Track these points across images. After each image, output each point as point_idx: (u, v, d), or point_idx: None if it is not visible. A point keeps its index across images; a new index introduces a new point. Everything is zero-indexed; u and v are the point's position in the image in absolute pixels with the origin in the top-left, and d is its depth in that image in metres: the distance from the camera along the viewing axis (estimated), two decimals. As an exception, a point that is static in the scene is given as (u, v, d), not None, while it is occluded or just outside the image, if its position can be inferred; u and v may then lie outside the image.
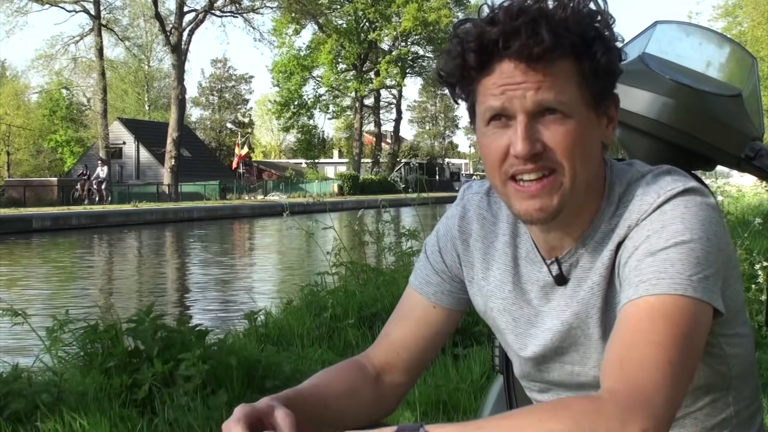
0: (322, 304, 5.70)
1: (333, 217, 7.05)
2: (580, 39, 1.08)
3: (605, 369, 1.01)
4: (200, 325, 4.33)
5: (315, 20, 54.36)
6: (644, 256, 1.07)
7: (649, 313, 1.02)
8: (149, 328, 3.80)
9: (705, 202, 1.11)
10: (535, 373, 1.29)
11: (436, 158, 75.28)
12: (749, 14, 32.63)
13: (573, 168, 1.10)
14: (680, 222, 1.07)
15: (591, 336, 1.18)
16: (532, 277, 1.24)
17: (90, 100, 57.59)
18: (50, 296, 11.32)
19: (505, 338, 1.31)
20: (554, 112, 1.08)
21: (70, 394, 3.40)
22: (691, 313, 1.02)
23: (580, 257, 1.19)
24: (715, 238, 1.08)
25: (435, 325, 1.34)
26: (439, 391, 3.85)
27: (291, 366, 4.15)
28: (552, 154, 1.09)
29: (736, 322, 1.20)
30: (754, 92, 1.72)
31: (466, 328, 4.82)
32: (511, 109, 1.09)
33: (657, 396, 0.95)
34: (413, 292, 1.36)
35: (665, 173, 1.16)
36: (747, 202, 15.50)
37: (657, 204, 1.11)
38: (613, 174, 1.19)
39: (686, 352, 1.00)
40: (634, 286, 1.05)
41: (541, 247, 1.23)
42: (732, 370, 1.21)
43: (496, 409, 1.92)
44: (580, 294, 1.18)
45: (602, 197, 1.17)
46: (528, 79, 1.07)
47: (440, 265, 1.34)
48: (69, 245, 20.89)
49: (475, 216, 1.31)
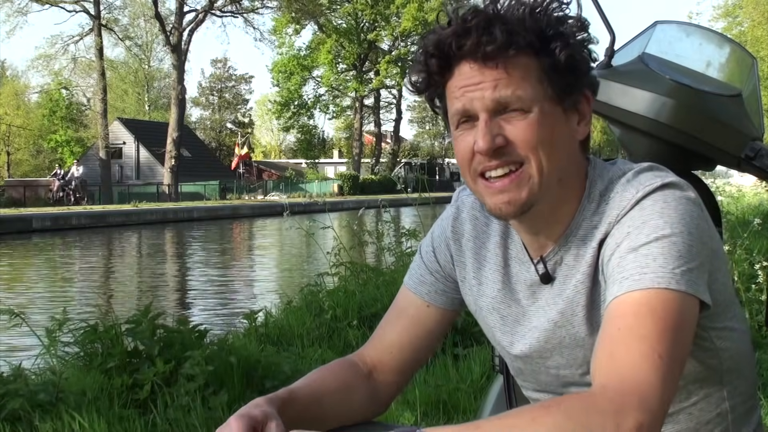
0: (322, 304, 5.70)
1: (333, 217, 7.05)
2: (536, 36, 1.10)
3: (595, 366, 1.02)
4: (201, 325, 4.34)
5: (315, 20, 54.37)
6: (626, 253, 1.08)
7: (634, 309, 1.02)
8: (148, 328, 3.80)
9: (684, 196, 1.12)
10: (526, 372, 1.30)
11: (436, 158, 75.29)
12: (749, 14, 32.62)
13: (539, 160, 1.12)
14: (659, 216, 1.08)
15: (577, 335, 1.19)
16: (521, 277, 1.26)
17: (90, 100, 57.63)
18: (50, 296, 11.32)
19: (495, 336, 1.32)
20: (514, 108, 1.11)
21: (70, 394, 3.40)
22: (676, 306, 1.03)
23: (564, 255, 1.20)
24: (696, 231, 1.09)
25: (428, 324, 1.35)
26: (439, 391, 3.85)
27: (291, 366, 4.15)
28: (515, 147, 1.12)
29: (726, 315, 1.20)
30: (754, 92, 1.72)
31: (466, 328, 4.83)
32: (472, 109, 1.12)
33: (649, 389, 0.96)
34: (407, 291, 1.37)
35: (646, 170, 1.17)
36: (747, 202, 15.49)
37: (636, 199, 1.12)
38: (596, 172, 1.20)
39: (674, 345, 1.01)
40: (618, 283, 1.06)
41: (529, 246, 1.24)
42: (723, 363, 1.21)
43: (496, 409, 1.92)
44: (566, 292, 1.19)
45: (583, 195, 1.18)
46: (485, 78, 1.10)
47: (434, 265, 1.36)
48: (69, 245, 20.89)
49: (468, 217, 1.33)
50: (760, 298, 4.82)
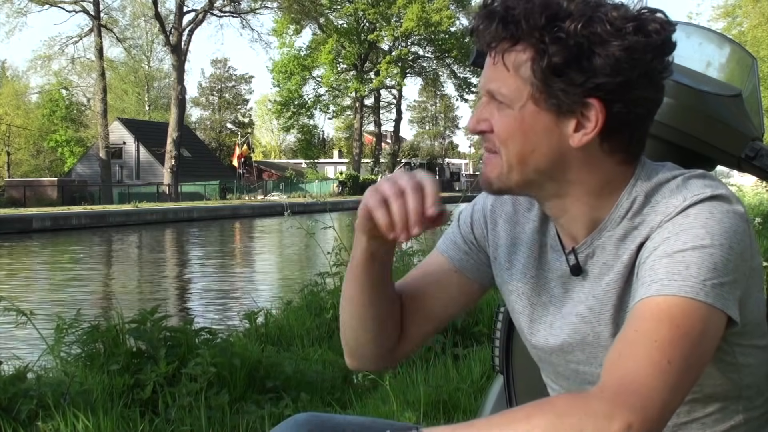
0: (323, 304, 5.70)
1: (333, 216, 7.05)
2: (538, 33, 1.08)
3: (605, 365, 1.01)
4: (206, 327, 4.34)
5: (315, 20, 54.38)
6: (660, 257, 1.06)
7: (655, 313, 1.01)
8: (155, 329, 3.81)
9: (732, 210, 1.09)
10: (544, 361, 1.30)
11: (436, 158, 75.29)
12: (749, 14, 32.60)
13: (507, 155, 1.14)
14: (702, 226, 1.06)
15: (601, 334, 1.18)
16: (553, 266, 1.25)
17: (90, 100, 57.64)
18: (50, 296, 11.32)
19: (519, 322, 1.31)
20: (497, 99, 1.14)
21: (76, 394, 3.40)
22: (700, 318, 1.00)
23: (596, 249, 1.18)
24: (738, 247, 1.06)
25: (452, 290, 1.34)
26: (439, 391, 3.85)
27: (292, 366, 4.16)
28: (493, 136, 1.15)
29: (755, 333, 1.18)
30: (754, 92, 1.72)
31: (466, 328, 4.83)
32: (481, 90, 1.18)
33: (648, 393, 0.94)
34: (438, 254, 1.36)
35: (697, 177, 1.14)
36: (747, 202, 15.52)
37: (682, 207, 1.09)
38: (643, 170, 1.17)
39: (689, 356, 0.98)
40: (646, 286, 1.04)
41: (562, 235, 1.23)
42: (744, 379, 1.19)
43: (496, 409, 1.92)
44: (598, 290, 1.18)
45: (622, 189, 1.16)
46: (488, 65, 1.15)
47: (469, 236, 1.35)
48: (69, 245, 20.89)
49: (511, 199, 1.32)
50: (761, 298, 4.82)
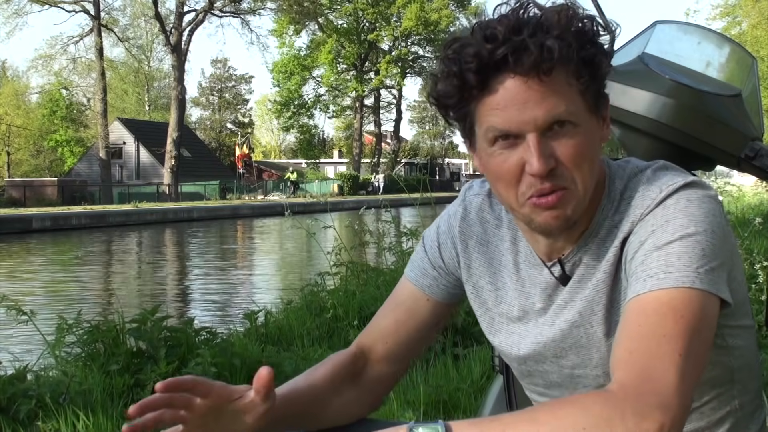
0: (322, 304, 5.70)
1: (333, 216, 7.05)
2: (578, 46, 1.06)
3: (614, 363, 1.01)
4: (206, 327, 4.35)
5: (315, 20, 54.37)
6: (651, 251, 1.07)
7: (657, 307, 1.02)
8: (155, 328, 3.81)
9: (707, 195, 1.12)
10: (535, 373, 1.29)
11: (436, 158, 75.28)
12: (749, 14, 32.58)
13: (584, 179, 1.10)
14: (683, 215, 1.08)
15: (594, 335, 1.18)
16: (534, 280, 1.25)
17: (90, 100, 57.62)
18: (50, 296, 11.32)
19: (499, 338, 1.31)
20: (563, 124, 1.07)
21: (76, 394, 3.40)
22: (699, 305, 1.02)
23: (583, 255, 1.19)
24: (719, 230, 1.09)
25: (426, 317, 1.35)
26: (439, 391, 3.85)
27: (292, 366, 4.15)
28: (564, 169, 1.08)
29: (740, 313, 1.20)
30: (753, 92, 1.72)
31: (466, 328, 4.82)
32: (519, 127, 1.06)
33: (669, 389, 0.95)
34: (408, 283, 1.36)
35: (663, 168, 1.17)
36: (747, 202, 15.51)
37: (660, 199, 1.11)
38: (611, 170, 1.20)
39: (696, 345, 1.00)
40: (641, 281, 1.05)
41: (540, 250, 1.23)
42: (735, 361, 1.22)
43: (496, 409, 1.92)
44: (585, 292, 1.18)
45: (602, 194, 1.18)
46: (532, 95, 1.05)
47: (438, 261, 1.35)
48: (69, 245, 20.89)
49: (477, 219, 1.31)
50: (760, 298, 4.82)
